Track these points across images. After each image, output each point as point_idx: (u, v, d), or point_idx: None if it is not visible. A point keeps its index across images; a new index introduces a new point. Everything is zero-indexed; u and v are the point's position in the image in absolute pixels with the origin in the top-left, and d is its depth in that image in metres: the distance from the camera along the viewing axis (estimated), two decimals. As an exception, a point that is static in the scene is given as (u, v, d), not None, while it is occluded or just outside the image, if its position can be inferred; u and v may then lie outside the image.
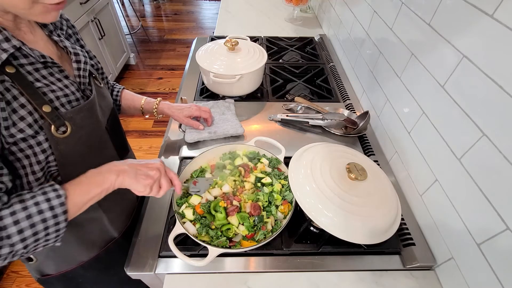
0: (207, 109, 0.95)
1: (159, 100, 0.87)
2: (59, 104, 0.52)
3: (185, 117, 0.90)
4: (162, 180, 0.60)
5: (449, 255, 0.63)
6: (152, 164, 0.60)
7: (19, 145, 0.48)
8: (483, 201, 0.54)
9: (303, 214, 0.62)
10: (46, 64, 0.52)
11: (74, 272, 0.71)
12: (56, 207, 0.47)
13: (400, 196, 0.80)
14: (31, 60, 0.50)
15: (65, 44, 0.59)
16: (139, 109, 0.87)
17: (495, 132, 0.51)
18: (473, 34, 0.56)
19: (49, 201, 0.47)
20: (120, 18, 2.86)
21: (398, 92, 0.85)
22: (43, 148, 0.51)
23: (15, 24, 0.50)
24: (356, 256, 0.70)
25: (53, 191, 0.48)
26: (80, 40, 0.69)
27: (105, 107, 0.66)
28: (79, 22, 2.10)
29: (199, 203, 0.68)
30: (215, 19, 4.11)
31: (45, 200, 0.46)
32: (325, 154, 0.70)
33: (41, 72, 0.51)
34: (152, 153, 2.22)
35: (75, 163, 0.57)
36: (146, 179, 0.57)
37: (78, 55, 0.59)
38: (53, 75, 0.53)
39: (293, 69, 1.28)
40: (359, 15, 1.14)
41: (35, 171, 0.51)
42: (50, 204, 0.47)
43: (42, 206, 0.46)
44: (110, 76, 2.60)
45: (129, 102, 0.86)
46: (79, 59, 0.59)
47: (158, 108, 0.87)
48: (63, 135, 0.52)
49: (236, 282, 0.65)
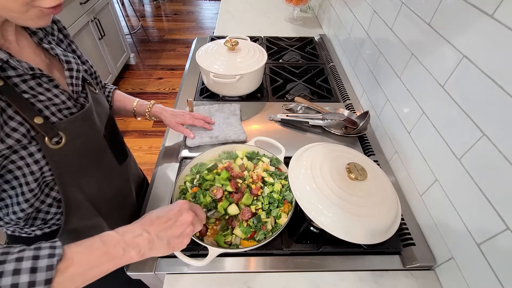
0: (200, 116, 0.93)
1: (152, 103, 0.85)
2: (50, 113, 0.51)
3: (176, 124, 0.88)
4: (195, 225, 0.53)
5: (449, 255, 0.63)
6: (177, 212, 0.51)
7: (10, 157, 0.47)
8: (483, 201, 0.54)
9: (303, 214, 0.62)
10: (35, 75, 0.50)
11: None
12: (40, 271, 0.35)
13: (400, 196, 0.80)
14: (19, 72, 0.47)
15: (56, 52, 0.57)
16: (131, 111, 0.85)
17: (495, 132, 0.51)
18: (473, 34, 0.56)
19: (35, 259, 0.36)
20: (120, 18, 2.86)
21: (398, 92, 0.85)
22: (36, 159, 0.49)
23: (1, 33, 0.48)
24: (356, 256, 0.70)
25: (49, 248, 0.38)
26: (72, 44, 0.66)
27: (102, 113, 0.65)
28: (79, 22, 2.10)
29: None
30: (215, 19, 4.10)
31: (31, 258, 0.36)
32: (325, 154, 0.70)
33: (28, 83, 0.49)
34: (152, 153, 2.22)
35: (72, 172, 0.56)
36: (183, 241, 0.50)
37: (70, 63, 0.58)
38: (41, 85, 0.51)
39: (293, 69, 1.28)
40: (359, 15, 1.14)
41: (29, 181, 0.50)
42: (34, 264, 0.36)
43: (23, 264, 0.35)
44: (110, 76, 2.60)
45: (120, 104, 0.84)
46: (71, 67, 0.58)
47: (151, 111, 0.85)
48: (57, 146, 0.51)
49: (236, 282, 0.65)
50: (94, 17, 2.30)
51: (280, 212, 0.68)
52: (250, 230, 0.64)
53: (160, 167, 0.88)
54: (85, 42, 2.22)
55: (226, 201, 0.67)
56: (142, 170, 0.99)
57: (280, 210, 0.68)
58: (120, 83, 2.89)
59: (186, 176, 0.77)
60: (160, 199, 0.79)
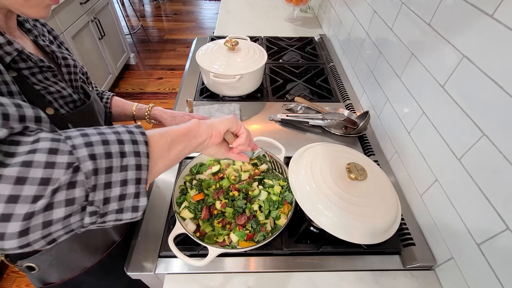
0: (200, 117, 0.92)
1: (151, 106, 0.85)
2: (58, 106, 0.52)
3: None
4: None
5: (449, 255, 0.63)
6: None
7: None
8: (483, 201, 0.54)
9: (303, 214, 0.62)
10: (42, 68, 0.51)
11: (77, 279, 0.70)
12: (140, 143, 0.36)
13: (400, 196, 0.80)
14: (29, 64, 0.49)
15: (52, 49, 0.57)
16: (131, 115, 0.85)
17: (495, 132, 0.51)
18: (473, 34, 0.56)
19: (131, 134, 0.37)
20: (120, 18, 2.86)
21: (398, 92, 0.85)
22: None
23: (7, 28, 0.49)
24: (356, 256, 0.70)
25: (135, 127, 0.38)
26: (62, 45, 0.66)
27: (100, 111, 0.66)
28: (79, 22, 2.10)
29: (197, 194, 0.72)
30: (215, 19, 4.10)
31: (127, 132, 0.37)
32: (325, 154, 0.70)
33: (37, 76, 0.50)
34: (152, 153, 2.21)
35: None
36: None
37: (67, 59, 0.58)
38: (48, 79, 0.52)
39: (293, 69, 1.28)
40: (359, 15, 1.14)
41: None
42: (132, 137, 0.36)
43: (123, 136, 0.36)
44: (110, 76, 2.60)
45: (120, 109, 0.85)
46: (69, 63, 0.58)
47: (151, 114, 0.85)
48: None
49: (236, 282, 0.65)
50: (94, 17, 2.30)
51: (279, 213, 0.68)
52: (246, 233, 0.64)
53: (160, 167, 0.88)
54: (85, 42, 2.22)
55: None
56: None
57: (280, 211, 0.68)
58: (120, 83, 2.89)
59: (186, 176, 0.77)
60: (160, 199, 0.79)
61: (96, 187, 0.32)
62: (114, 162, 0.33)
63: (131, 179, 0.34)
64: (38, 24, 0.61)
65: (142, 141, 0.36)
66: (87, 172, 0.31)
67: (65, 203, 0.30)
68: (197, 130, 0.47)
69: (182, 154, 0.44)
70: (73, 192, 0.30)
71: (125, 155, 0.34)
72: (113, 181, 0.33)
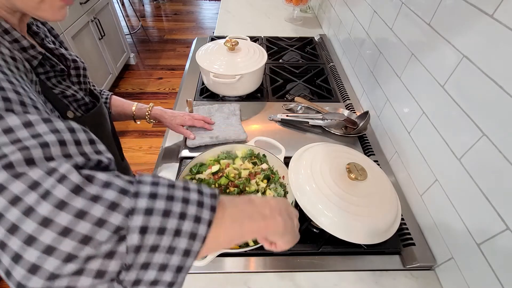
0: (200, 117, 0.93)
1: (152, 106, 0.85)
2: (73, 109, 0.52)
3: (176, 125, 0.88)
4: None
5: (449, 255, 0.63)
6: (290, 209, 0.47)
7: None
8: (483, 201, 0.54)
9: (303, 214, 0.62)
10: (55, 72, 0.51)
11: None
12: (203, 222, 0.31)
13: (400, 196, 0.80)
14: (46, 68, 0.49)
15: (61, 52, 0.57)
16: (131, 115, 0.85)
17: (495, 132, 0.51)
18: (473, 34, 0.56)
19: (200, 207, 0.31)
20: (120, 18, 2.86)
21: (398, 92, 0.85)
22: None
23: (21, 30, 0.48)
24: (356, 256, 0.70)
25: (211, 196, 0.34)
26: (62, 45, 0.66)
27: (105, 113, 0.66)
28: (79, 22, 2.10)
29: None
30: (215, 19, 4.10)
31: (196, 203, 0.31)
32: (325, 154, 0.70)
33: (52, 81, 0.51)
34: (152, 153, 2.21)
35: None
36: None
37: (76, 62, 0.58)
38: (61, 83, 0.52)
39: (293, 69, 1.28)
40: (359, 15, 1.14)
41: None
42: (199, 212, 0.31)
43: (190, 209, 0.31)
44: (110, 76, 2.60)
45: (119, 109, 0.85)
46: (78, 66, 0.58)
47: (151, 114, 0.85)
48: None
49: (236, 282, 0.65)
50: (94, 17, 2.30)
51: None
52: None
53: (160, 167, 0.88)
54: (85, 42, 2.22)
55: None
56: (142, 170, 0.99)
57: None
58: (120, 83, 2.89)
59: (186, 176, 0.77)
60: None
61: (131, 267, 0.27)
62: (164, 241, 0.28)
63: (172, 265, 0.29)
64: (40, 24, 0.61)
65: (206, 220, 0.31)
66: (130, 246, 0.27)
67: (95, 274, 0.26)
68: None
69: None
70: (108, 264, 0.26)
71: (179, 234, 0.29)
72: (153, 263, 0.28)
